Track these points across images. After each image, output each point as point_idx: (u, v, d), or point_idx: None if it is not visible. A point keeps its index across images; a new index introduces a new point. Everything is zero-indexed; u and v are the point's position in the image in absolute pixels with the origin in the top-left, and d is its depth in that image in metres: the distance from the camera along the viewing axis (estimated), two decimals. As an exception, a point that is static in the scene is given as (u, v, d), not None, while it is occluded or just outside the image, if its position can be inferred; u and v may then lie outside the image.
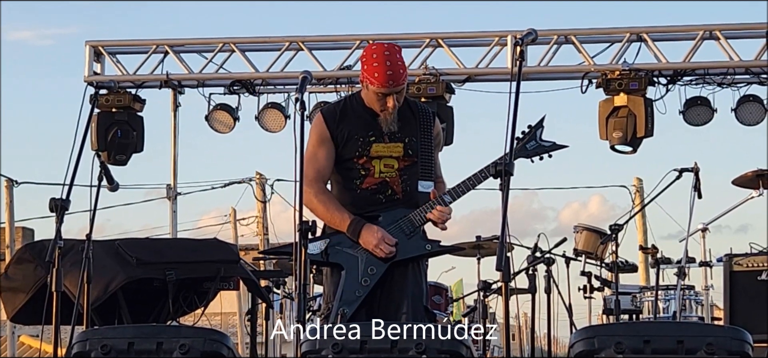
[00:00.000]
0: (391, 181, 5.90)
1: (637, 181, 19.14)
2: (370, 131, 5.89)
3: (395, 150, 5.91)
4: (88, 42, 12.60)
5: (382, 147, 5.90)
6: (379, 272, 5.78)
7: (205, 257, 8.81)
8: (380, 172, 5.89)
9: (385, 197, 5.89)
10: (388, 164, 5.90)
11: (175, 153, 13.35)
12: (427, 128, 6.01)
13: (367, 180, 5.90)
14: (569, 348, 4.85)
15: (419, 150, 5.95)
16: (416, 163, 5.93)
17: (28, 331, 22.06)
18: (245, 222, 20.84)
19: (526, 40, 5.34)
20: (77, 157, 6.08)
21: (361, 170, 5.89)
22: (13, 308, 8.63)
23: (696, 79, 11.93)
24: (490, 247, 10.14)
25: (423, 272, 5.97)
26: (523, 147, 5.95)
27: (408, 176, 5.91)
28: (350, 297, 5.73)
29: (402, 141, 5.92)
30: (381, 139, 5.90)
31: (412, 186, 5.91)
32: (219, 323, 23.95)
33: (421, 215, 5.85)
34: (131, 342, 4.95)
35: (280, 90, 12.81)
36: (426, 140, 5.98)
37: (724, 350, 4.60)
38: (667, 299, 9.94)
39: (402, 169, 5.91)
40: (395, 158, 5.91)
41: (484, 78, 12.26)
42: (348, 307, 5.69)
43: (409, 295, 5.82)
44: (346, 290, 5.74)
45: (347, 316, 5.65)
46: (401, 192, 5.90)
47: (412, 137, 5.94)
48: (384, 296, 5.81)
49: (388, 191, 5.89)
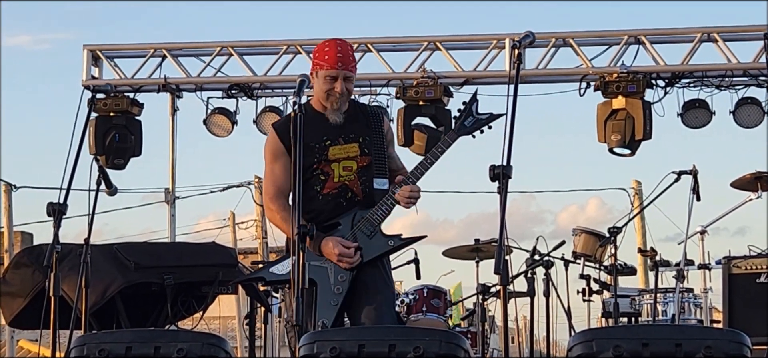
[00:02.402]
0: (351, 184, 5.99)
1: (636, 183, 19.19)
2: (324, 136, 5.97)
3: (351, 150, 6.00)
4: (86, 46, 12.59)
5: (339, 149, 5.99)
6: (349, 277, 5.87)
7: (204, 261, 8.82)
8: (340, 177, 5.97)
9: (346, 201, 5.97)
10: (347, 167, 5.98)
11: (174, 157, 13.33)
12: (377, 126, 6.12)
13: (327, 185, 5.97)
14: (568, 351, 4.84)
15: (373, 148, 6.03)
16: (372, 162, 6.01)
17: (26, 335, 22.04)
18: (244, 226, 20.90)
19: (523, 43, 5.35)
20: (75, 162, 6.08)
21: (321, 175, 5.97)
22: (11, 313, 8.64)
23: (694, 81, 11.92)
24: (488, 250, 10.13)
25: (389, 268, 6.10)
26: (462, 125, 6.05)
27: (366, 177, 6.00)
28: (326, 307, 5.81)
29: (356, 141, 6.02)
30: (336, 141, 5.99)
31: (369, 187, 6.00)
32: (218, 326, 23.96)
33: (378, 212, 5.94)
34: (129, 346, 4.93)
35: (278, 94, 12.81)
36: (378, 138, 6.08)
37: (722, 352, 4.58)
38: (665, 301, 9.93)
39: (359, 170, 5.99)
40: (352, 159, 6.00)
41: (482, 81, 12.24)
42: (326, 317, 5.76)
43: (380, 293, 5.91)
44: (320, 301, 5.80)
45: (328, 325, 5.72)
46: (361, 193, 5.99)
47: (365, 136, 6.04)
48: (357, 298, 5.88)
49: (348, 193, 5.98)
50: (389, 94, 12.32)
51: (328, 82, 5.93)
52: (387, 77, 12.28)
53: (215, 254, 9.00)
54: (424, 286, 9.44)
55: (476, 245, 10.24)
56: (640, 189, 18.99)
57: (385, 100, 12.35)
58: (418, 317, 9.30)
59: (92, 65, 12.60)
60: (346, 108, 6.06)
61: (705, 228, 9.67)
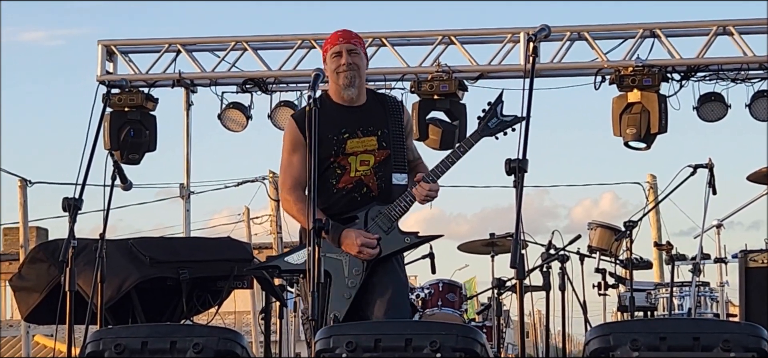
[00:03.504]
0: (367, 179, 5.98)
1: (651, 177, 19.12)
2: (342, 128, 5.97)
3: (369, 144, 5.99)
4: (101, 41, 12.61)
5: (357, 142, 5.98)
6: (363, 271, 5.87)
7: (219, 255, 8.83)
8: (356, 171, 5.96)
9: (361, 196, 5.97)
10: (364, 161, 5.98)
11: (188, 152, 13.34)
12: (397, 118, 6.10)
13: (343, 179, 5.96)
14: (585, 345, 4.83)
15: (392, 141, 6.02)
16: (390, 156, 6.00)
17: (42, 331, 22.13)
18: (258, 220, 20.87)
19: (539, 37, 5.35)
20: (90, 157, 6.09)
21: (337, 169, 5.97)
22: (27, 308, 8.66)
23: (710, 74, 11.88)
24: (503, 244, 10.11)
25: (402, 265, 6.11)
26: (486, 126, 6.00)
27: (383, 173, 5.99)
28: (339, 299, 5.82)
29: (375, 134, 6.01)
30: (354, 134, 5.98)
31: (386, 182, 5.99)
32: (233, 321, 23.97)
33: (396, 208, 5.93)
34: (145, 341, 4.93)
35: (292, 88, 12.80)
36: (397, 130, 6.07)
37: (740, 346, 4.56)
38: (681, 295, 9.91)
39: (377, 165, 5.98)
40: (370, 153, 5.99)
41: (497, 75, 12.23)
42: (338, 310, 5.77)
43: (393, 287, 5.90)
44: (334, 293, 5.81)
45: (340, 319, 5.72)
46: (376, 189, 5.98)
47: (384, 129, 6.03)
48: (371, 293, 5.88)
49: (363, 189, 5.97)
50: (404, 88, 12.31)
51: (335, 60, 5.97)
52: (402, 71, 12.26)
53: (230, 249, 9.01)
54: (439, 280, 9.42)
55: (491, 239, 10.22)
56: (655, 183, 18.93)
57: (400, 95, 12.33)
58: (433, 311, 9.28)
59: (107, 60, 12.62)
60: (364, 100, 6.07)
61: (721, 222, 9.64)
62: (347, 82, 5.97)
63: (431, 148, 11.72)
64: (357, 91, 6.03)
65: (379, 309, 5.81)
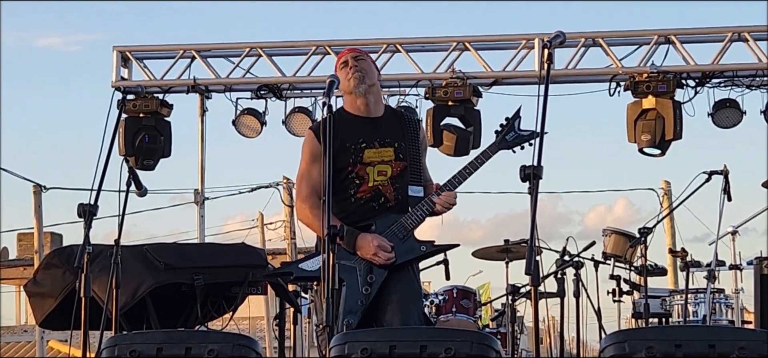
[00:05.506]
0: (384, 189, 6.04)
1: (666, 184, 19.08)
2: (360, 138, 6.04)
3: (386, 154, 6.06)
4: (116, 47, 12.62)
5: (374, 152, 6.04)
6: (379, 279, 5.89)
7: (233, 261, 8.83)
8: (374, 181, 6.02)
9: (378, 205, 6.02)
10: (382, 171, 6.03)
11: (203, 158, 13.36)
12: (413, 133, 6.20)
13: (361, 189, 6.02)
14: (600, 352, 4.82)
15: (408, 154, 6.09)
16: (407, 168, 6.06)
17: (56, 336, 22.14)
18: (272, 226, 20.89)
19: (553, 43, 5.33)
20: (105, 163, 6.10)
21: (356, 179, 6.02)
22: (41, 313, 8.67)
23: (725, 81, 11.85)
24: (518, 250, 10.10)
25: (417, 273, 6.16)
26: (503, 139, 6.10)
27: (399, 184, 6.05)
28: (353, 307, 5.82)
29: (392, 145, 6.09)
30: (371, 144, 6.05)
31: (402, 194, 6.05)
32: (247, 327, 24.00)
33: (413, 217, 5.98)
34: (160, 347, 4.94)
35: (307, 94, 12.79)
36: (413, 145, 6.16)
37: (756, 353, 4.55)
38: (696, 302, 9.88)
39: (394, 176, 6.04)
40: (387, 163, 6.06)
41: (511, 81, 12.22)
42: (352, 317, 5.77)
43: (406, 295, 5.93)
44: (348, 300, 5.81)
45: (353, 326, 5.71)
46: (393, 199, 6.04)
47: (401, 141, 6.11)
48: (384, 300, 5.89)
49: (381, 198, 6.03)
50: (418, 94, 12.31)
51: (344, 70, 6.09)
52: (416, 78, 12.25)
53: (245, 255, 9.00)
54: (453, 287, 9.42)
55: (506, 245, 10.22)
56: (669, 189, 18.90)
57: (414, 101, 12.35)
58: (447, 317, 9.28)
59: (122, 66, 12.63)
60: (381, 113, 6.16)
61: (736, 228, 9.61)
62: (357, 81, 6.07)
63: (446, 154, 11.73)
64: (374, 99, 6.15)
65: (392, 317, 5.81)
